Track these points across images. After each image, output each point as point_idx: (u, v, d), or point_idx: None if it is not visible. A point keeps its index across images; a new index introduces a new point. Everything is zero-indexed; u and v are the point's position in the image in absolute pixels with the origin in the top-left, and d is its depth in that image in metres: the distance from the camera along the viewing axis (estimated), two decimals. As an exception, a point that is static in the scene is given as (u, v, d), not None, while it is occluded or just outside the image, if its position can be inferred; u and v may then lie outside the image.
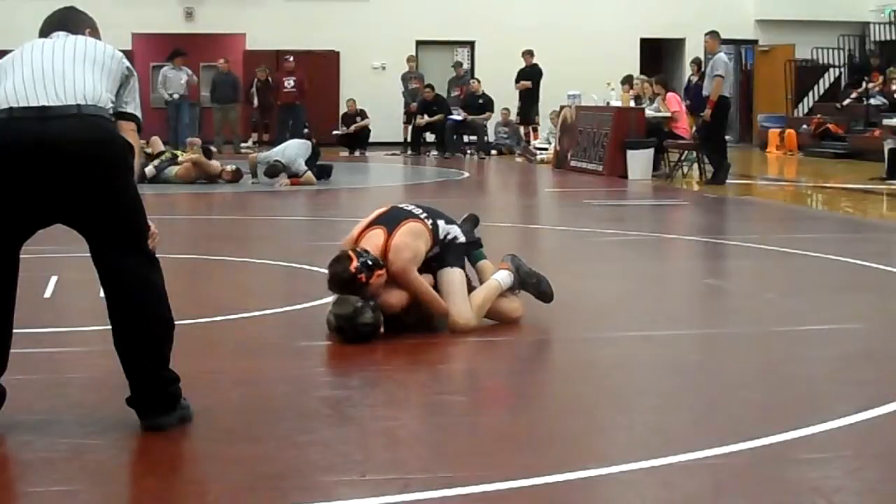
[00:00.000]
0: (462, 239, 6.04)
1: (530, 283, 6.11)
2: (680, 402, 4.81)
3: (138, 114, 4.30)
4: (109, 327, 4.12)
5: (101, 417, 4.36)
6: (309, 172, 15.03)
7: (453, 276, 5.90)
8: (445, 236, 5.94)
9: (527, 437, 4.27)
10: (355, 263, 5.57)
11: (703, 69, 20.17)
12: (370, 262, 5.60)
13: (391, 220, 5.84)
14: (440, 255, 5.92)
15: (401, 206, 6.06)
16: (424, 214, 5.93)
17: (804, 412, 4.54)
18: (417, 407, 4.68)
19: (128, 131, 4.20)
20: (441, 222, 5.98)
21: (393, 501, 3.49)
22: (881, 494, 3.66)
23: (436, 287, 5.87)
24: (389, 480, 3.69)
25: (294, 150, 15.33)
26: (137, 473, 3.82)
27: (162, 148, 15.90)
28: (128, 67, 4.27)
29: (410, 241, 5.74)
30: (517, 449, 4.09)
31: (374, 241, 5.74)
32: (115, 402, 4.24)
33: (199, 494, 3.59)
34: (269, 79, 23.26)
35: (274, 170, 14.87)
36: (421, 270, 5.83)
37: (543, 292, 6.16)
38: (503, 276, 6.04)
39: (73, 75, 4.06)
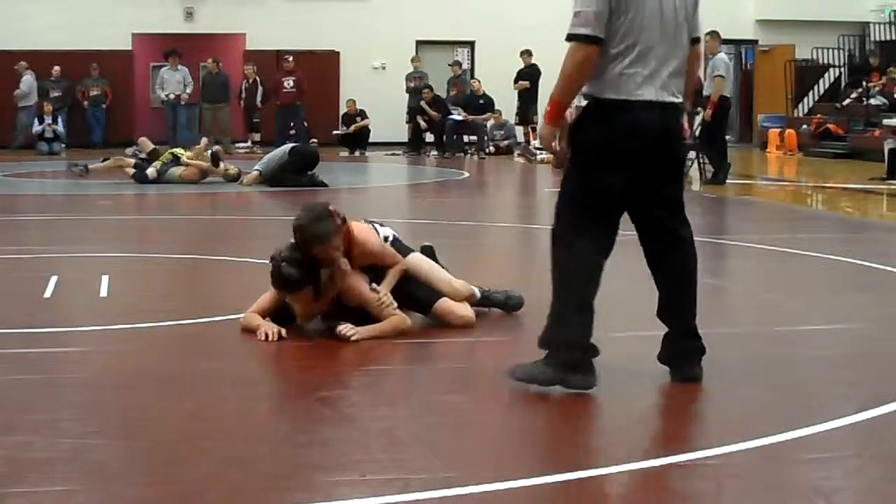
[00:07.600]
0: (397, 235, 6.32)
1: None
2: (680, 402, 4.80)
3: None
4: (109, 327, 4.12)
5: (101, 417, 4.37)
6: (252, 173, 15.13)
7: (419, 259, 6.14)
8: (385, 238, 6.19)
9: (526, 437, 4.27)
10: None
11: None
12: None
13: None
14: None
15: None
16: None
17: (804, 412, 4.54)
18: (417, 407, 4.67)
19: None
20: (376, 225, 6.29)
21: (393, 501, 3.49)
22: (881, 494, 3.66)
23: (405, 289, 6.00)
24: (389, 480, 3.69)
25: (269, 156, 15.59)
26: (137, 473, 3.82)
27: (151, 147, 15.84)
28: None
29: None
30: (517, 449, 4.09)
31: None
32: (115, 402, 4.24)
33: (199, 494, 3.59)
34: (258, 79, 23.09)
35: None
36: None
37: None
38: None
39: None
